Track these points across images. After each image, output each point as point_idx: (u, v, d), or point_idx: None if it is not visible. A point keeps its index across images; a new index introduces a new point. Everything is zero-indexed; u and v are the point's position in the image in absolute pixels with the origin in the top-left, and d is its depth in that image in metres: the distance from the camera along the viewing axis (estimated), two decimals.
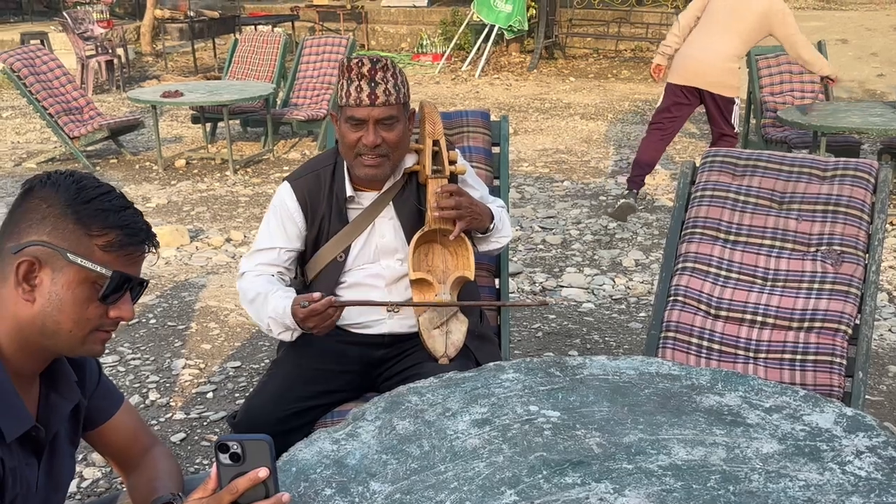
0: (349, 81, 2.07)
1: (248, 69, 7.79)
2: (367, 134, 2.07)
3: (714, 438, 1.49)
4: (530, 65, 11.36)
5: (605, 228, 5.28)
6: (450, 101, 9.57)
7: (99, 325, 1.38)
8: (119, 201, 1.37)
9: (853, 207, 2.38)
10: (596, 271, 4.60)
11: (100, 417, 1.58)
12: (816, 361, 2.25)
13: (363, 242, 2.21)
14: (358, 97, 2.05)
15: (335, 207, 2.21)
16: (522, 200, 5.90)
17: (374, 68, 2.07)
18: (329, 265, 2.22)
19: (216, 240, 5.18)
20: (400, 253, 2.22)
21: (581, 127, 8.20)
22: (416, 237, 2.15)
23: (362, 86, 2.05)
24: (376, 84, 2.06)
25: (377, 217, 2.21)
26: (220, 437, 1.26)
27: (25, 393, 1.38)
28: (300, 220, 2.21)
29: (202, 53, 12.57)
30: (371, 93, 2.05)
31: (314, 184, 2.22)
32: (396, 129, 2.11)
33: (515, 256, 4.84)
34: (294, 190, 2.22)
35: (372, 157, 2.10)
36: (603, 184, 6.25)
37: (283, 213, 2.22)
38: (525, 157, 7.09)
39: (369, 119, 2.06)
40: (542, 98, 9.70)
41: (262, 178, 6.62)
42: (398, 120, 2.11)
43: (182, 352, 3.77)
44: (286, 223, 2.22)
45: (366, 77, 2.06)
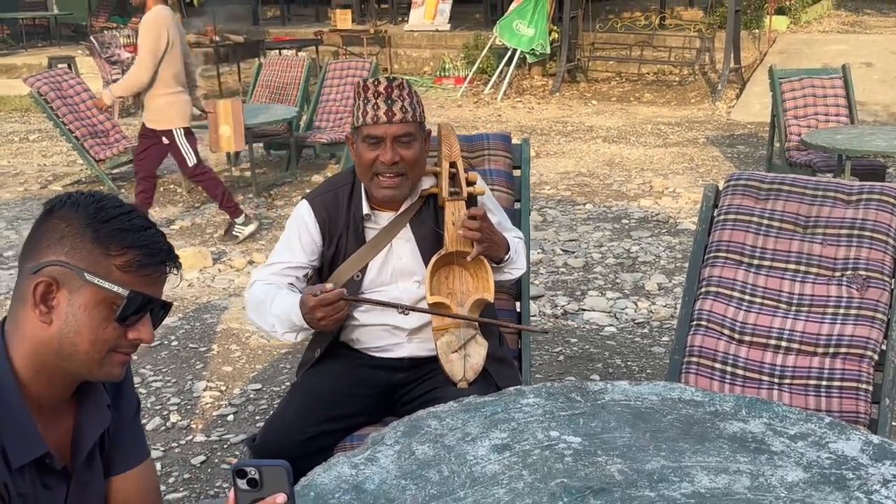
0: (365, 101, 2.09)
1: (272, 93, 7.86)
2: (384, 151, 2.08)
3: (738, 466, 1.46)
4: (553, 88, 11.38)
5: (628, 252, 5.26)
6: (472, 125, 9.61)
7: (116, 347, 1.36)
8: (139, 221, 1.36)
9: (878, 232, 2.35)
10: (618, 295, 4.58)
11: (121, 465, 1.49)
12: (842, 388, 2.22)
13: (380, 264, 2.22)
14: (375, 115, 2.07)
15: (352, 226, 2.22)
16: (544, 223, 5.89)
17: (390, 86, 2.09)
18: (346, 285, 2.22)
19: (238, 262, 5.21)
20: (417, 275, 2.22)
21: (603, 150, 8.19)
22: (434, 259, 2.15)
23: (379, 104, 2.07)
24: (393, 101, 2.08)
25: (394, 238, 2.21)
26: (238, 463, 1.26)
27: (48, 420, 1.35)
28: (318, 236, 2.23)
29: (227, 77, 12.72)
30: (388, 110, 2.07)
31: (332, 202, 2.24)
32: (413, 147, 2.12)
33: (537, 279, 4.83)
34: (313, 207, 2.24)
35: (390, 175, 2.11)
36: (625, 207, 6.23)
37: (301, 229, 2.24)
38: (547, 179, 7.09)
39: (386, 136, 2.08)
40: (564, 121, 9.71)
41: (284, 201, 6.65)
42: (415, 138, 2.12)
43: (203, 374, 3.78)
44: (303, 238, 2.23)
45: (382, 95, 2.08)
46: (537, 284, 4.74)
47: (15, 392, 1.31)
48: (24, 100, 10.99)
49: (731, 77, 10.63)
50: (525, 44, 11.25)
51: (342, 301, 2.01)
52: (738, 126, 9.15)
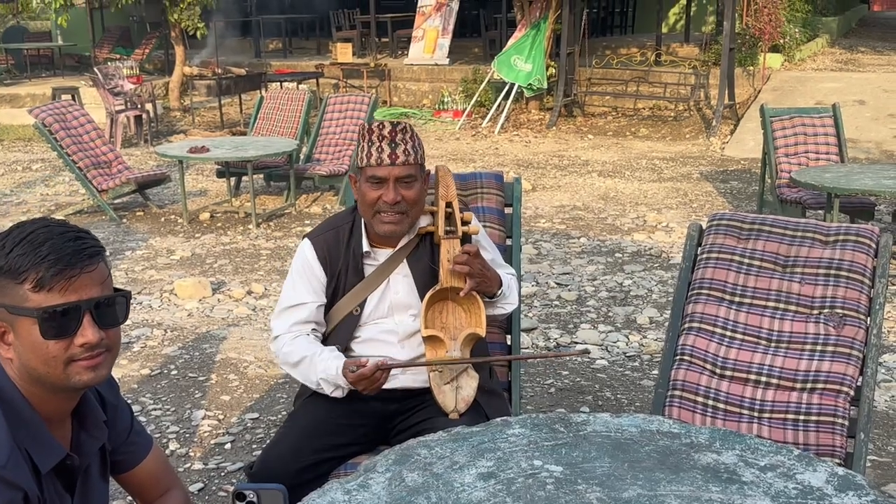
0: (370, 143, 2.20)
1: (272, 125, 7.99)
2: (387, 192, 2.19)
3: (710, 495, 1.55)
4: (549, 122, 11.53)
5: (621, 286, 5.35)
6: (469, 157, 9.74)
7: (71, 358, 1.42)
8: (40, 237, 1.40)
9: (854, 272, 2.45)
10: (610, 328, 4.66)
11: (132, 461, 1.68)
12: (819, 422, 2.31)
13: (378, 298, 2.31)
14: (379, 157, 2.18)
15: (352, 262, 2.31)
16: (539, 256, 5.99)
17: (394, 130, 2.20)
18: (345, 319, 2.31)
19: (237, 292, 5.30)
20: (413, 309, 2.31)
21: (598, 184, 8.31)
22: (429, 294, 2.24)
23: (383, 147, 2.18)
24: (396, 145, 2.18)
25: (392, 273, 2.31)
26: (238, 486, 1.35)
27: (57, 429, 1.48)
28: (321, 274, 2.32)
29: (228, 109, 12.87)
30: (392, 153, 2.18)
31: (333, 240, 2.34)
32: (415, 188, 2.22)
33: (531, 312, 4.92)
34: (314, 246, 2.33)
35: (391, 213, 2.21)
36: (619, 241, 6.33)
37: (306, 268, 2.33)
38: (543, 213, 7.20)
39: (390, 178, 2.18)
40: (560, 155, 9.85)
41: (283, 232, 6.76)
42: (416, 179, 2.23)
43: (202, 403, 3.86)
44: (310, 278, 2.33)
45: (387, 139, 2.19)
46: (531, 317, 4.83)
47: (26, 406, 1.42)
48: (27, 129, 11.14)
49: (726, 113, 10.80)
50: (522, 78, 11.43)
51: (379, 372, 2.14)
52: (732, 162, 9.29)
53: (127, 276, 5.69)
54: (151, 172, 7.67)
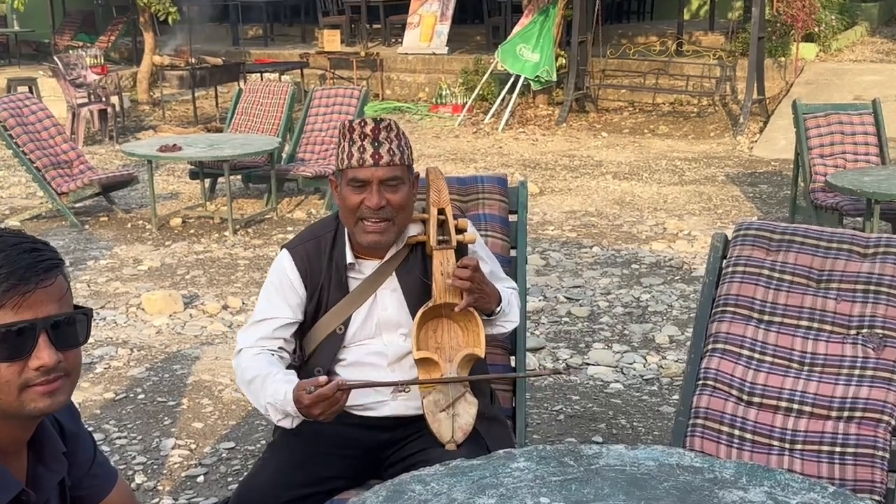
0: (351, 143, 2.20)
1: (252, 121, 8.02)
2: (370, 196, 2.19)
3: None
4: (559, 118, 11.57)
5: (638, 300, 5.36)
6: (470, 157, 9.76)
7: (25, 382, 1.42)
8: None
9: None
10: (626, 348, 4.67)
11: (95, 496, 1.68)
12: (857, 454, 2.31)
13: (364, 315, 2.31)
14: (361, 157, 2.18)
15: (335, 276, 2.31)
16: (547, 267, 6.00)
17: (377, 128, 2.20)
18: (328, 338, 2.31)
19: (212, 307, 5.30)
20: (403, 328, 2.31)
21: (613, 187, 8.33)
22: (421, 312, 2.24)
23: (365, 146, 2.19)
24: (380, 144, 2.19)
25: (379, 288, 2.31)
26: None
27: (11, 461, 1.47)
28: (301, 289, 2.32)
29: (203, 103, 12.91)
30: (375, 152, 2.18)
31: (314, 250, 2.34)
32: (401, 192, 2.23)
33: (538, 329, 4.92)
34: (293, 257, 2.34)
35: (375, 220, 2.21)
36: (636, 251, 6.35)
37: (284, 281, 2.33)
38: (551, 219, 7.22)
39: (373, 180, 2.19)
40: (571, 154, 9.88)
41: (263, 240, 6.77)
42: (403, 182, 2.23)
43: (172, 430, 3.85)
44: (287, 292, 2.33)
45: (369, 137, 2.19)
46: (538, 335, 4.83)
47: None
48: None
49: (754, 109, 10.83)
50: (529, 70, 11.47)
51: (339, 392, 2.06)
52: (761, 163, 9.32)
53: (89, 288, 5.69)
54: (117, 173, 7.69)
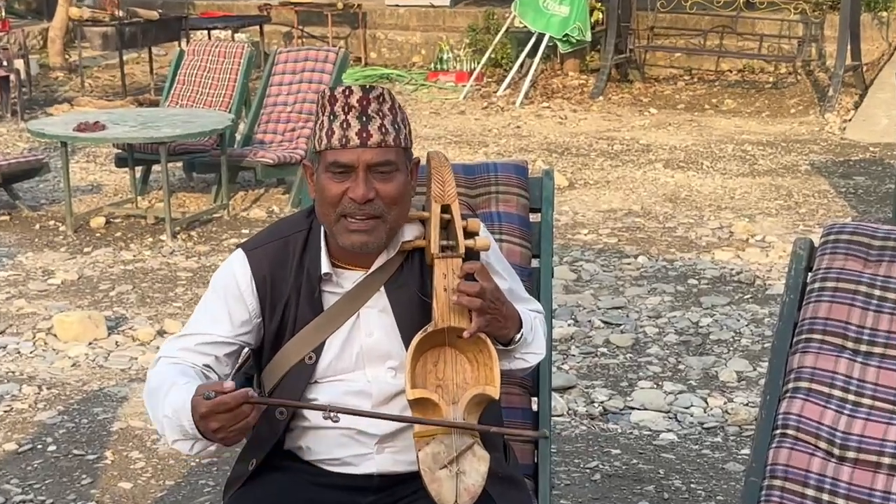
0: (332, 117, 2.18)
1: (196, 92, 8.01)
2: (355, 185, 2.17)
3: None
4: (594, 90, 11.57)
5: (696, 325, 5.35)
6: (479, 140, 9.77)
7: None
8: None
9: None
10: (681, 387, 4.66)
11: None
12: None
13: (343, 341, 2.29)
14: (344, 136, 2.16)
15: (305, 289, 2.29)
16: (579, 283, 6.00)
17: (366, 98, 2.18)
18: (293, 371, 2.29)
19: (144, 332, 5.29)
20: (394, 359, 2.29)
21: (665, 179, 8.33)
22: (417, 338, 2.22)
23: (350, 121, 2.17)
24: (369, 119, 2.17)
25: (363, 307, 2.30)
26: None
27: None
28: (252, 303, 2.30)
29: (134, 68, 12.94)
30: (362, 129, 2.16)
31: (279, 255, 2.32)
32: (395, 181, 2.21)
33: (566, 363, 4.92)
34: (250, 261, 2.32)
35: (361, 217, 2.19)
36: (694, 261, 6.34)
37: (230, 290, 2.31)
38: (584, 220, 7.22)
39: (359, 165, 2.17)
40: (609, 137, 9.88)
41: (211, 246, 6.77)
42: (397, 168, 2.21)
43: (92, 493, 3.84)
44: (231, 305, 2.31)
45: (355, 109, 2.17)
46: (566, 370, 4.82)
47: None
48: None
49: (847, 79, 10.82)
50: (556, 27, 11.47)
51: (247, 406, 2.01)
52: (857, 148, 9.32)
53: None
54: (21, 159, 7.68)
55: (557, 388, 4.51)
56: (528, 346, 2.34)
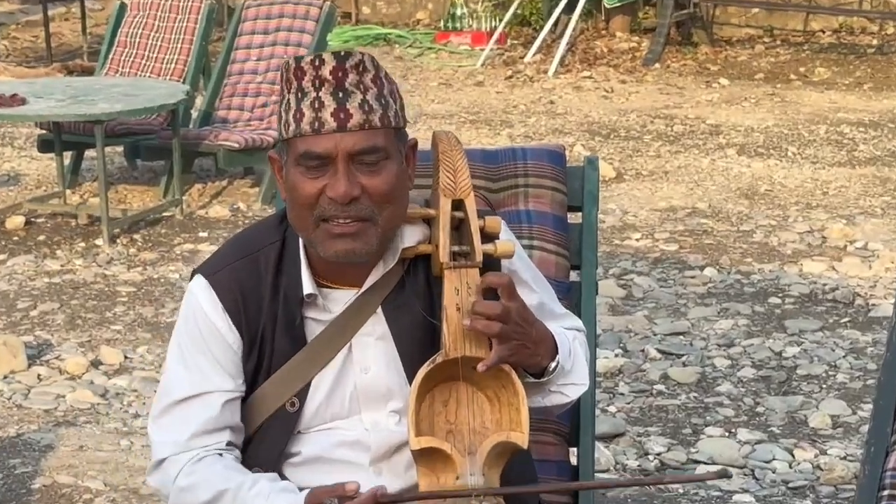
0: (300, 95, 2.15)
1: (142, 57, 8.00)
2: (334, 181, 2.15)
3: None
4: (649, 55, 11.56)
5: (779, 356, 5.33)
6: (502, 118, 9.77)
7: None
8: None
9: None
10: (759, 436, 4.64)
11: None
12: None
13: (332, 380, 2.29)
14: (316, 118, 2.13)
15: (283, 317, 2.28)
16: (629, 301, 5.99)
17: (341, 68, 2.15)
18: (272, 420, 2.29)
19: (74, 363, 5.27)
20: (397, 400, 2.29)
21: (739, 169, 8.32)
22: (423, 372, 2.22)
23: (323, 99, 2.14)
24: (347, 94, 2.14)
25: (357, 335, 2.29)
26: None
27: None
28: (236, 340, 2.29)
29: (62, 26, 12.96)
30: (339, 109, 2.13)
31: (248, 277, 2.30)
32: (386, 172, 2.19)
33: (613, 404, 4.91)
34: (215, 289, 2.30)
35: (345, 220, 2.18)
36: (777, 274, 6.32)
37: (207, 331, 2.30)
38: (635, 221, 7.22)
39: (337, 154, 2.14)
40: (668, 115, 9.87)
41: (159, 254, 6.77)
42: (387, 156, 2.19)
43: None
44: (216, 348, 2.29)
45: (329, 83, 2.15)
46: (613, 413, 4.82)
47: None
48: None
49: None
50: None
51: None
52: None
53: None
54: None
55: (602, 436, 4.50)
56: (566, 375, 2.33)
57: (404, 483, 2.27)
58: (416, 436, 2.20)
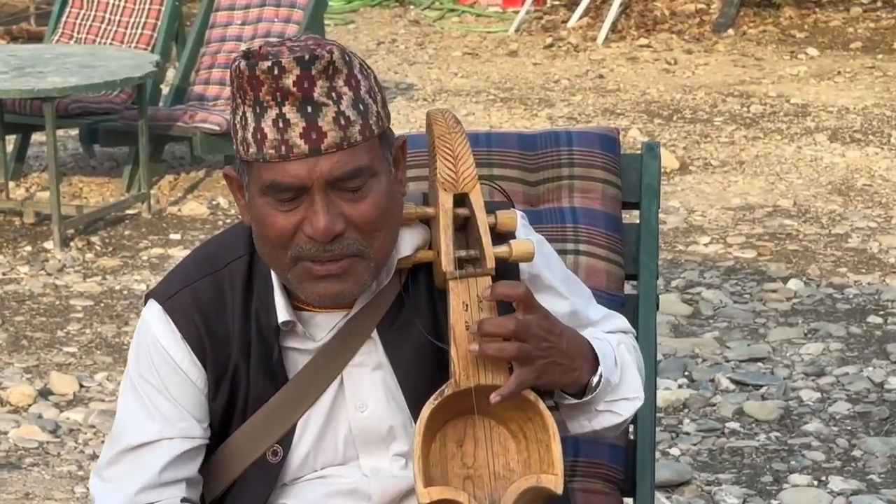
0: (258, 109, 2.08)
1: (102, 20, 8.03)
2: (312, 215, 2.11)
3: None
4: (720, 19, 11.57)
5: (880, 388, 5.33)
6: (541, 95, 9.77)
7: None
8: None
9: None
10: (857, 485, 4.64)
11: None
12: None
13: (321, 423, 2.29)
14: (281, 141, 2.08)
15: (257, 348, 2.27)
16: (695, 320, 5.99)
17: (306, 76, 2.07)
18: (250, 472, 2.30)
19: (19, 392, 5.30)
20: (400, 442, 2.30)
21: (831, 159, 8.31)
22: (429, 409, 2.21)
23: (288, 115, 2.09)
24: (317, 108, 2.09)
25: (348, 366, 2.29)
26: None
27: None
28: (199, 376, 2.30)
29: None
30: (309, 127, 2.08)
31: (211, 302, 2.28)
32: (373, 194, 2.14)
33: (677, 445, 4.91)
34: (173, 317, 2.29)
35: (328, 260, 2.16)
36: (878, 288, 6.31)
37: (164, 365, 2.29)
38: (703, 222, 7.22)
39: (312, 183, 2.11)
40: (744, 92, 9.87)
41: (122, 260, 6.79)
42: (374, 173, 2.16)
43: None
44: (174, 386, 2.29)
45: (293, 96, 2.08)
46: (675, 457, 4.83)
47: None
48: None
49: None
50: None
51: None
52: None
53: None
54: None
55: (663, 485, 4.51)
56: (614, 389, 2.31)
57: None
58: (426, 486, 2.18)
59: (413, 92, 9.67)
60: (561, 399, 2.25)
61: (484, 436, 2.24)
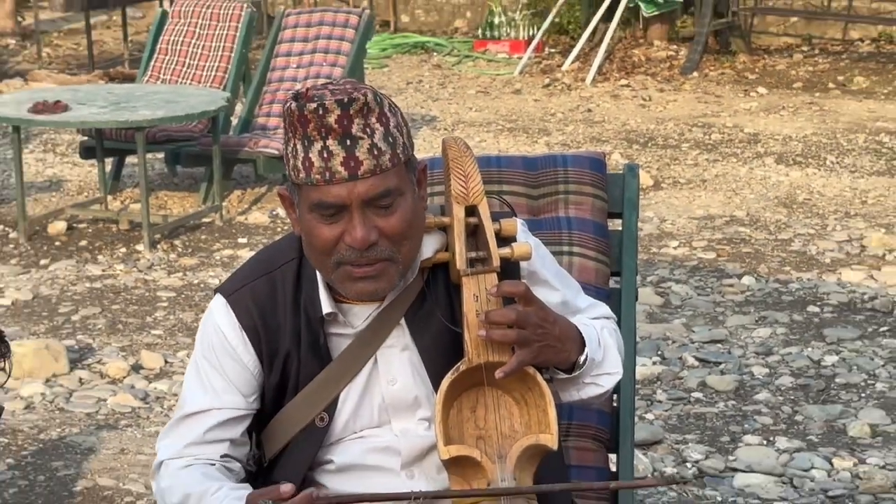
0: (306, 142, 2.13)
1: (183, 64, 8.04)
2: (351, 228, 2.16)
3: None
4: (687, 64, 11.53)
5: (818, 365, 5.31)
6: (539, 127, 9.76)
7: None
8: None
9: None
10: (798, 444, 4.62)
11: None
12: None
13: (359, 393, 2.31)
14: (326, 168, 2.13)
15: (306, 335, 2.29)
16: (666, 309, 5.98)
17: (345, 115, 2.13)
18: (301, 436, 2.31)
19: (115, 367, 5.31)
20: (425, 408, 2.31)
21: (777, 178, 8.28)
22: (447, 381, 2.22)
23: (331, 148, 2.13)
24: (354, 141, 2.13)
25: (381, 348, 2.31)
26: None
27: None
28: (251, 359, 2.31)
29: (104, 34, 13.01)
30: (348, 157, 2.13)
31: (266, 297, 2.31)
32: (401, 209, 2.19)
33: (651, 411, 4.90)
34: (233, 308, 2.31)
35: (364, 264, 2.19)
36: (815, 283, 6.29)
37: (221, 349, 2.32)
38: (673, 229, 7.20)
39: (351, 202, 2.15)
40: (706, 123, 9.84)
41: (199, 259, 6.80)
42: (402, 193, 2.20)
43: None
44: (229, 367, 2.31)
45: (335, 133, 2.14)
46: (651, 421, 4.82)
47: None
48: None
49: None
50: None
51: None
52: None
53: None
54: None
55: (641, 443, 4.49)
56: (598, 366, 2.33)
57: (437, 485, 2.28)
58: (446, 444, 2.21)
59: (436, 123, 9.69)
60: (554, 374, 2.28)
61: (492, 403, 2.28)
